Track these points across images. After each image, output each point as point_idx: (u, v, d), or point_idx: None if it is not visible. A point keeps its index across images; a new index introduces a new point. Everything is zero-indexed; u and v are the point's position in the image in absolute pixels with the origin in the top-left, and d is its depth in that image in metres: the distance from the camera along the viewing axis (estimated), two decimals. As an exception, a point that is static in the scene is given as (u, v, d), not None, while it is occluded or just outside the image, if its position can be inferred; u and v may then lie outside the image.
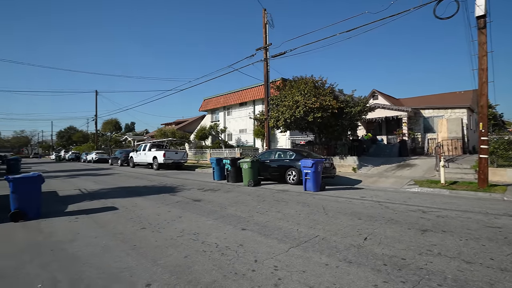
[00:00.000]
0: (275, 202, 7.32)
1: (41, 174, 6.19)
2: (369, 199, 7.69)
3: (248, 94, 27.22)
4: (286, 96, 14.23)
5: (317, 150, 15.91)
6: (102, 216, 6.12)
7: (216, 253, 3.83)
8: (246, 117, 28.04)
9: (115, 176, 15.30)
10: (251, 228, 4.97)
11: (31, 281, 3.14)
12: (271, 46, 15.30)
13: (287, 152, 11.55)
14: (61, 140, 66.19)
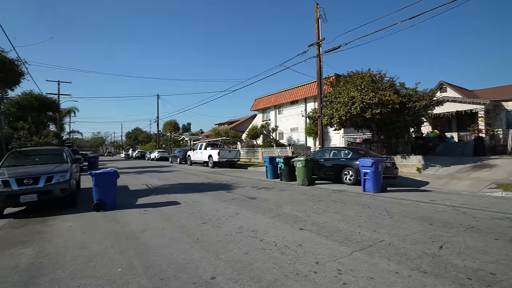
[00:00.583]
0: (332, 203, 7.03)
1: (116, 170, 6.95)
2: (441, 203, 6.89)
3: (300, 92, 26.80)
4: (340, 93, 13.61)
5: (375, 149, 14.89)
6: (167, 210, 6.61)
7: (275, 251, 3.81)
8: (298, 116, 27.66)
9: (175, 173, 16.47)
10: (309, 228, 4.84)
11: (113, 264, 3.51)
12: (324, 41, 14.79)
13: (342, 150, 11.04)
14: (129, 140, 73.93)
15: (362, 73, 13.91)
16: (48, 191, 6.46)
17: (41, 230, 5.19)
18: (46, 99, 21.83)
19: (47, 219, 6.02)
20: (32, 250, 4.13)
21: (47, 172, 6.64)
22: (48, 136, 26.24)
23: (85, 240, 4.55)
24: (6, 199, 6.08)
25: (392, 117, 13.10)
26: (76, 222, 5.65)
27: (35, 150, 8.92)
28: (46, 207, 7.05)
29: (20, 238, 4.79)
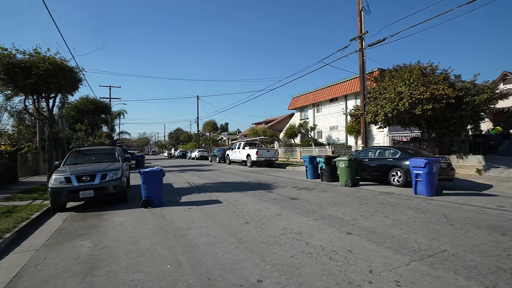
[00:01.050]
0: (381, 206, 6.57)
1: (162, 169, 7.25)
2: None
3: (339, 89, 25.82)
4: (386, 88, 12.76)
5: (425, 148, 13.71)
6: (209, 208, 6.72)
7: (323, 256, 3.61)
8: (337, 113, 26.70)
9: (215, 172, 16.87)
10: (358, 233, 4.54)
11: (162, 261, 3.61)
12: (367, 34, 13.98)
13: (389, 149, 10.32)
14: (171, 140, 77.86)
15: (411, 66, 12.89)
16: (103, 188, 6.96)
17: (97, 224, 5.58)
18: (99, 103, 23.81)
19: (102, 214, 6.48)
20: (90, 243, 4.44)
21: (102, 170, 7.16)
22: (101, 136, 28.63)
23: (135, 235, 4.78)
24: (68, 194, 6.68)
25: (446, 113, 11.93)
26: (127, 218, 5.99)
27: (91, 150, 9.71)
28: (101, 202, 7.61)
29: (80, 230, 5.20)
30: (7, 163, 11.55)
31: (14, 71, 8.71)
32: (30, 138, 17.66)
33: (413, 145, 14.15)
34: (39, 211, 6.47)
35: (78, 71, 10.37)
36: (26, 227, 5.38)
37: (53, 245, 4.46)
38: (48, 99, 10.13)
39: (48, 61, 9.12)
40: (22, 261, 3.85)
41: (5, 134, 17.82)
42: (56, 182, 6.70)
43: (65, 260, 3.76)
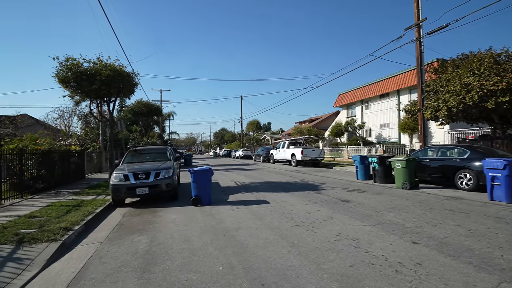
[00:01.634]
0: (449, 212, 5.80)
1: (211, 168, 7.36)
2: None
3: (391, 83, 24.00)
4: (449, 80, 11.40)
5: (499, 147, 11.95)
6: (257, 208, 6.62)
7: (387, 268, 3.22)
8: (389, 110, 24.89)
9: (260, 171, 16.86)
10: (426, 243, 4.00)
11: (214, 262, 3.57)
12: (425, 21, 12.67)
13: (455, 149, 9.17)
14: (216, 139, 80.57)
15: (480, 54, 11.34)
16: (156, 185, 7.31)
17: (152, 220, 5.84)
18: (152, 105, 25.52)
19: (156, 210, 6.79)
20: (146, 239, 4.63)
21: (155, 169, 7.52)
22: (154, 137, 30.69)
23: (187, 233, 4.86)
24: (126, 191, 7.14)
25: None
26: (179, 215, 6.17)
27: (145, 149, 10.34)
28: (155, 199, 8.01)
29: (137, 226, 5.48)
30: (77, 161, 12.91)
31: (81, 78, 9.65)
32: (94, 138, 19.59)
33: (482, 144, 12.45)
34: (102, 205, 7.02)
35: (134, 76, 11.14)
36: (92, 220, 5.85)
37: (114, 239, 4.74)
38: (109, 102, 11.05)
39: (109, 67, 9.94)
40: (89, 252, 4.14)
41: (74, 136, 20.05)
42: (116, 179, 7.21)
43: (125, 255, 3.94)
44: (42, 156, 9.42)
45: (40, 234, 4.53)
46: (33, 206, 6.91)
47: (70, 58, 9.81)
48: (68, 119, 22.03)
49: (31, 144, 9.78)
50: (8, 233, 4.60)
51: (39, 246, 4.17)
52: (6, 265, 3.59)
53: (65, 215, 5.87)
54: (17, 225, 5.07)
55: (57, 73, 9.69)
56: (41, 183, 9.28)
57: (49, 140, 11.31)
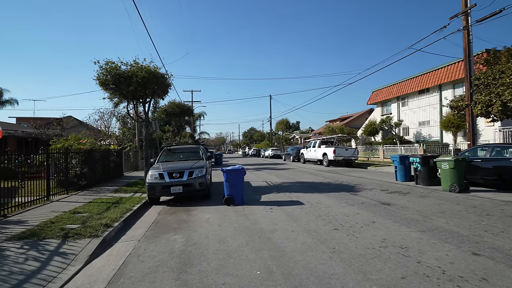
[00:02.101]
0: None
1: (243, 168, 7.26)
2: None
3: (432, 77, 22.37)
4: (503, 71, 10.27)
5: None
6: (291, 210, 6.39)
7: (447, 283, 2.84)
8: (429, 106, 23.26)
9: (291, 171, 16.54)
10: (489, 255, 3.52)
11: (251, 265, 3.42)
12: (474, 8, 11.54)
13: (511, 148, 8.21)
14: (245, 139, 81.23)
15: (542, 41, 10.05)
16: (190, 184, 7.37)
17: (186, 219, 5.86)
18: (184, 106, 26.24)
19: (190, 209, 6.83)
20: (182, 238, 4.61)
21: (189, 168, 7.59)
22: (185, 136, 31.56)
23: (222, 233, 4.77)
24: (161, 189, 7.28)
25: None
26: (212, 215, 6.13)
27: (179, 148, 10.54)
28: (188, 197, 8.09)
29: (172, 224, 5.51)
30: (115, 160, 13.56)
31: (120, 80, 10.06)
32: (131, 138, 20.55)
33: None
34: (139, 203, 7.22)
35: (168, 77, 11.41)
36: (129, 217, 6.01)
37: (151, 237, 4.79)
38: (144, 103, 11.44)
39: (145, 69, 10.26)
40: (127, 250, 4.20)
41: (113, 136, 21.18)
42: (152, 178, 7.38)
43: (162, 254, 3.94)
44: (85, 155, 9.97)
45: (83, 230, 4.71)
46: (77, 202, 7.29)
47: (109, 61, 10.27)
48: (107, 120, 23.35)
49: (75, 143, 10.41)
50: (55, 228, 4.84)
51: (82, 242, 4.32)
52: (53, 259, 3.74)
53: (105, 211, 6.09)
54: (63, 220, 5.33)
55: (97, 76, 10.20)
56: (84, 181, 9.82)
57: (91, 140, 11.98)
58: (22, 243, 4.20)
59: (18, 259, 3.68)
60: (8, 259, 3.66)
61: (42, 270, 3.42)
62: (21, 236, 4.44)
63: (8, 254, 3.80)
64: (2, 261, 3.60)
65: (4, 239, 4.35)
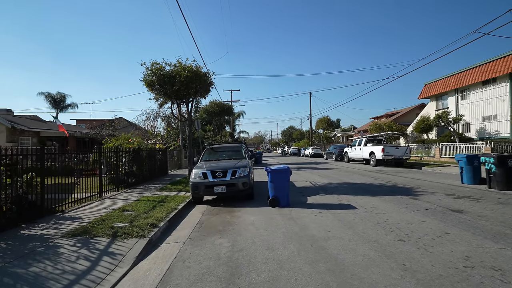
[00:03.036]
0: None
1: (289, 168, 6.82)
2: None
3: (499, 66, 19.61)
4: None
5: None
6: (343, 214, 5.80)
7: None
8: (496, 99, 20.48)
9: (335, 171, 15.66)
10: None
11: (307, 280, 2.99)
12: None
13: None
14: (284, 137, 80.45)
15: None
16: (233, 184, 7.14)
17: (231, 221, 5.61)
18: (224, 105, 26.58)
19: (233, 210, 6.60)
20: (228, 242, 4.34)
21: (232, 167, 7.37)
22: (225, 135, 32.02)
23: (269, 239, 4.41)
24: (205, 188, 7.16)
25: None
26: (257, 217, 5.81)
27: (221, 147, 10.44)
28: (231, 197, 7.89)
29: (217, 226, 5.29)
30: (161, 158, 14.04)
31: (164, 80, 10.28)
32: (175, 138, 21.30)
33: None
34: (183, 202, 7.20)
35: (209, 75, 11.41)
36: (174, 217, 5.95)
37: (196, 239, 4.60)
38: (187, 103, 11.58)
39: (187, 69, 10.34)
40: (173, 253, 4.04)
41: (158, 135, 22.16)
42: (195, 177, 7.30)
43: (208, 260, 3.69)
44: (133, 154, 10.36)
45: (131, 229, 4.69)
46: (126, 199, 7.50)
47: (155, 63, 10.56)
48: (153, 121, 24.55)
49: (124, 143, 10.89)
50: (105, 226, 4.90)
51: (129, 242, 4.27)
52: (102, 259, 3.70)
53: (152, 210, 6.11)
54: (112, 218, 5.42)
55: (144, 77, 10.55)
56: (133, 178, 10.22)
57: (139, 139, 12.50)
58: (75, 240, 4.27)
59: (70, 257, 3.71)
60: (61, 257, 3.70)
61: (92, 271, 3.37)
62: (74, 233, 4.54)
63: (62, 252, 3.86)
64: (57, 258, 3.65)
65: (60, 235, 4.48)
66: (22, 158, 5.55)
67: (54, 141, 21.06)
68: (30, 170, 5.73)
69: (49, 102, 39.85)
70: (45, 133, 19.62)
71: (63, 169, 7.36)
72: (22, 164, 5.68)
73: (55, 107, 40.37)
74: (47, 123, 24.18)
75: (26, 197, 5.59)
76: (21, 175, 5.53)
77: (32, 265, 3.44)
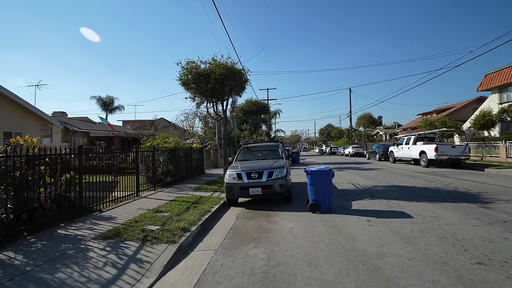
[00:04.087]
0: None
1: (331, 169, 6.13)
2: None
3: None
4: None
5: None
6: (397, 224, 4.97)
7: None
8: None
9: (380, 172, 14.38)
10: None
11: (362, 315, 2.37)
12: None
13: None
14: (322, 136, 78.04)
15: None
16: (269, 186, 6.65)
17: (267, 227, 5.12)
18: (260, 104, 26.22)
19: (269, 214, 6.10)
20: (263, 253, 3.85)
21: (268, 168, 6.88)
22: (261, 134, 31.70)
23: (311, 251, 3.83)
24: (240, 190, 6.77)
25: None
26: (296, 224, 5.24)
27: (257, 146, 10.00)
28: (267, 200, 7.41)
29: (251, 233, 4.84)
30: (197, 157, 14.07)
31: (199, 79, 10.13)
32: (211, 137, 21.46)
33: None
34: (217, 204, 6.88)
35: (244, 72, 11.04)
36: (207, 220, 5.64)
37: (228, 247, 4.19)
38: (223, 101, 11.34)
39: (222, 66, 10.07)
40: (203, 263, 3.67)
41: (196, 135, 22.54)
42: (230, 178, 6.94)
43: (240, 274, 3.24)
44: (170, 153, 10.40)
45: (161, 233, 4.43)
46: (161, 199, 7.42)
47: (190, 61, 10.47)
48: (191, 120, 25.08)
49: (161, 142, 11.00)
50: (136, 228, 4.72)
51: (159, 248, 4.00)
52: (129, 266, 3.45)
53: (185, 212, 5.87)
54: (145, 220, 5.26)
55: (179, 77, 10.52)
56: (169, 177, 10.25)
57: (175, 138, 12.61)
58: (105, 243, 4.11)
59: (98, 262, 3.51)
60: (89, 262, 3.52)
61: (117, 280, 3.12)
62: (106, 235, 4.41)
63: (91, 256, 3.69)
64: (85, 264, 3.48)
65: (93, 237, 4.38)
66: (62, 157, 5.65)
67: (102, 141, 22.53)
68: (70, 169, 5.83)
69: (100, 105, 43.21)
70: (94, 133, 21.04)
71: (105, 168, 7.58)
72: (62, 164, 5.81)
73: (105, 109, 43.59)
74: (96, 124, 26.00)
75: (66, 195, 5.69)
76: (61, 174, 5.64)
77: (59, 270, 3.29)
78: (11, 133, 11.88)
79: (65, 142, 18.78)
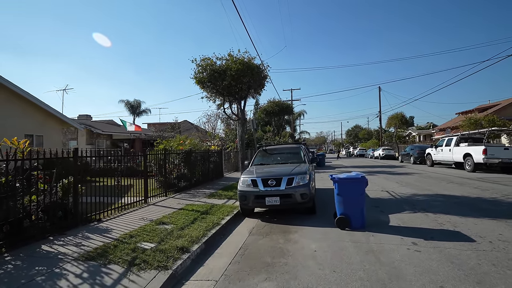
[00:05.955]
0: None
1: (365, 176, 5.05)
2: None
3: None
4: None
5: None
6: (455, 251, 3.79)
7: None
8: None
9: (417, 177, 12.79)
10: None
11: None
12: None
13: None
14: (349, 137, 74.99)
15: None
16: (289, 195, 5.70)
17: (284, 248, 4.16)
18: (283, 104, 25.23)
19: (288, 230, 5.14)
20: (275, 291, 2.92)
21: (288, 174, 5.92)
22: (285, 136, 30.61)
23: (340, 292, 2.83)
24: (254, 199, 5.88)
25: None
26: (320, 244, 4.24)
27: (276, 149, 9.06)
28: (287, 210, 6.44)
29: (264, 256, 3.91)
30: (216, 160, 13.38)
31: (214, 76, 9.41)
32: (232, 139, 20.80)
33: None
34: (230, 214, 6.04)
35: (263, 68, 10.17)
36: (215, 235, 4.80)
37: (232, 278, 3.30)
38: (240, 100, 10.54)
39: (238, 61, 9.28)
40: (196, 302, 2.81)
41: (217, 137, 22.02)
42: (244, 185, 6.08)
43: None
44: (184, 156, 9.75)
45: (153, 256, 3.63)
46: (169, 207, 6.72)
47: (205, 58, 9.81)
48: (213, 122, 24.67)
49: (175, 144, 10.41)
50: (128, 246, 3.99)
51: (145, 276, 3.20)
52: (101, 303, 2.67)
53: (190, 225, 5.08)
54: (142, 234, 4.53)
55: (194, 74, 9.88)
56: (183, 182, 9.60)
57: (192, 140, 12.00)
58: (84, 267, 3.39)
59: (66, 296, 2.78)
60: (56, 295, 2.79)
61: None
62: (90, 255, 3.70)
63: (60, 287, 2.97)
64: (49, 297, 2.75)
65: (75, 257, 3.69)
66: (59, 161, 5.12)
67: (126, 143, 22.73)
68: (70, 174, 5.29)
69: (128, 108, 44.48)
70: (117, 136, 21.23)
71: (119, 172, 7.12)
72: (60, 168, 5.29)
73: (132, 113, 44.79)
74: (120, 127, 26.46)
75: (63, 203, 5.15)
76: (57, 180, 5.11)
77: (13, 308, 2.59)
78: (32, 135, 11.95)
79: (90, 144, 19.04)
